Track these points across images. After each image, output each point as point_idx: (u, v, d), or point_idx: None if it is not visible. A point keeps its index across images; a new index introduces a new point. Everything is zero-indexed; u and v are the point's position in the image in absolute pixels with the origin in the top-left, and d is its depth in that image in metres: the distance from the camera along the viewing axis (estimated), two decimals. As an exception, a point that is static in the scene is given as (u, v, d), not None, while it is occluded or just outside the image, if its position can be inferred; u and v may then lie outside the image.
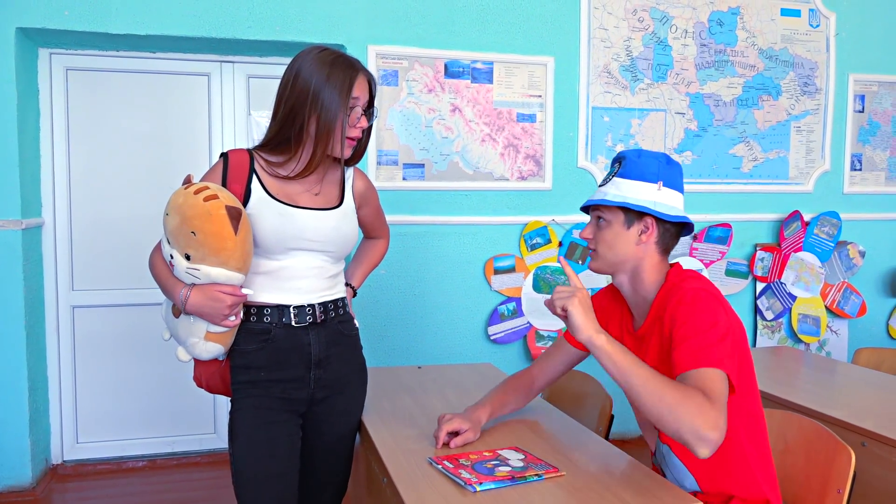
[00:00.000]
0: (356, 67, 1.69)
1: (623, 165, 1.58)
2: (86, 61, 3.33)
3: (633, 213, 1.55)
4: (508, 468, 1.44)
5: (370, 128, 1.78)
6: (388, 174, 3.38)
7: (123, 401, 3.48)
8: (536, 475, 1.42)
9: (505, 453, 1.52)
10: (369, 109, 1.74)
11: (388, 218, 3.32)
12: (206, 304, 1.59)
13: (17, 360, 3.08)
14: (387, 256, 3.37)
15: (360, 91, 1.68)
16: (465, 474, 1.40)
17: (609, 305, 1.72)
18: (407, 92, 3.38)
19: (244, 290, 1.62)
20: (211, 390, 1.78)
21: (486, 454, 1.53)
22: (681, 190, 1.59)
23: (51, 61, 3.29)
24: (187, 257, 1.57)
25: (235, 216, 1.55)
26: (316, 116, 1.64)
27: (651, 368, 1.36)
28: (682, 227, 1.60)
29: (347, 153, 1.72)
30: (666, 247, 1.59)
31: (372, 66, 3.31)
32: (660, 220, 1.55)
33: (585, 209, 1.66)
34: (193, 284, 1.60)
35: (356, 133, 1.71)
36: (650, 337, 1.55)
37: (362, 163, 3.28)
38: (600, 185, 1.62)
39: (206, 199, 1.54)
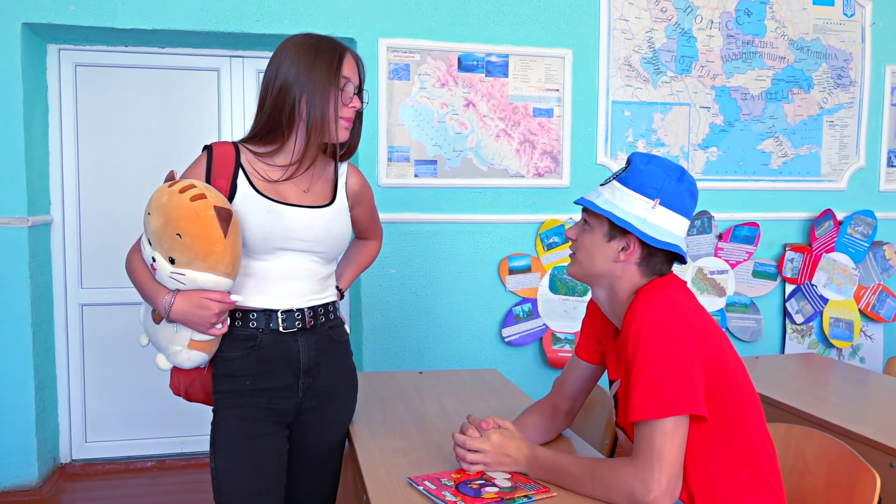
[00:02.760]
0: (343, 47, 1.62)
1: (627, 170, 1.43)
2: (94, 57, 3.30)
3: (618, 227, 1.40)
4: (496, 489, 1.33)
5: (361, 116, 1.68)
6: (399, 171, 3.29)
7: (132, 400, 3.44)
8: (525, 496, 1.31)
9: (491, 472, 1.41)
10: (361, 92, 1.65)
11: (400, 216, 3.29)
12: (191, 312, 1.50)
13: (24, 358, 3.05)
14: (397, 256, 3.32)
15: (349, 70, 1.61)
16: (448, 496, 1.30)
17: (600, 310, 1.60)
18: (419, 86, 3.28)
19: (233, 297, 1.53)
20: (190, 399, 1.71)
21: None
22: (685, 213, 1.41)
23: (59, 57, 3.26)
24: (171, 261, 1.48)
25: (225, 218, 1.46)
26: (306, 98, 1.56)
27: (579, 461, 1.39)
28: (675, 254, 1.43)
29: (344, 136, 1.63)
30: (652, 270, 1.43)
31: (383, 60, 3.22)
32: (644, 241, 1.39)
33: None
34: (178, 290, 1.51)
35: (350, 113, 1.62)
36: (623, 349, 1.43)
37: (370, 158, 3.21)
38: (601, 184, 1.47)
39: (192, 199, 1.45)
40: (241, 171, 1.60)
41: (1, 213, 2.99)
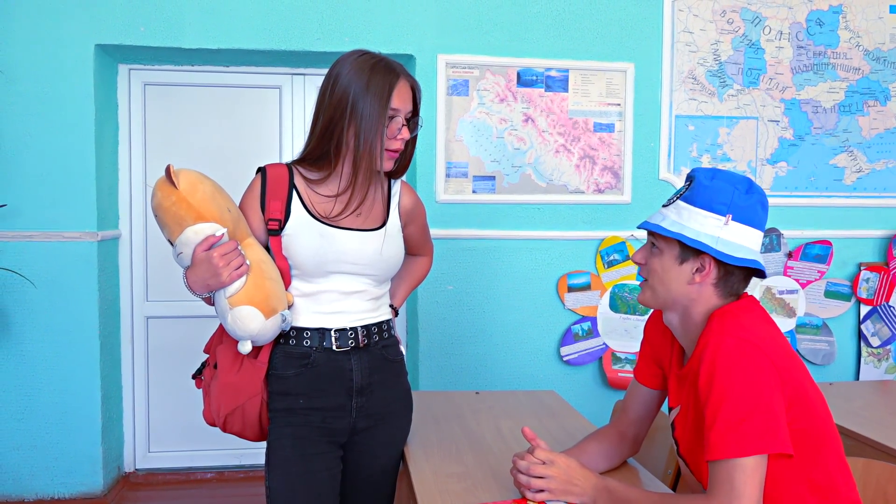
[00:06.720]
0: (397, 72, 1.57)
1: (691, 187, 1.35)
2: (162, 76, 3.39)
3: (690, 248, 1.33)
4: (555, 520, 1.29)
5: (415, 139, 1.67)
6: (457, 187, 3.27)
7: (194, 411, 3.47)
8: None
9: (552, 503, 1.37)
10: (413, 118, 1.63)
11: (457, 232, 3.27)
12: (201, 273, 1.47)
13: (91, 368, 3.14)
14: (455, 272, 3.30)
15: (400, 100, 1.57)
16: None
17: (667, 331, 1.51)
18: (478, 102, 3.26)
19: (217, 232, 1.46)
20: (226, 429, 1.68)
21: None
22: (758, 226, 1.34)
23: (129, 77, 3.37)
24: (172, 245, 1.49)
25: (170, 174, 1.43)
26: (354, 128, 1.54)
27: (651, 496, 1.31)
28: (752, 270, 1.36)
29: (389, 166, 1.62)
30: (729, 291, 1.36)
31: (441, 76, 3.21)
32: (720, 260, 1.32)
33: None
34: (187, 268, 1.50)
35: (396, 145, 1.60)
36: (690, 377, 1.36)
37: (428, 174, 3.20)
38: (664, 205, 1.40)
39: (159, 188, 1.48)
40: (294, 193, 1.61)
41: (72, 228, 3.09)
